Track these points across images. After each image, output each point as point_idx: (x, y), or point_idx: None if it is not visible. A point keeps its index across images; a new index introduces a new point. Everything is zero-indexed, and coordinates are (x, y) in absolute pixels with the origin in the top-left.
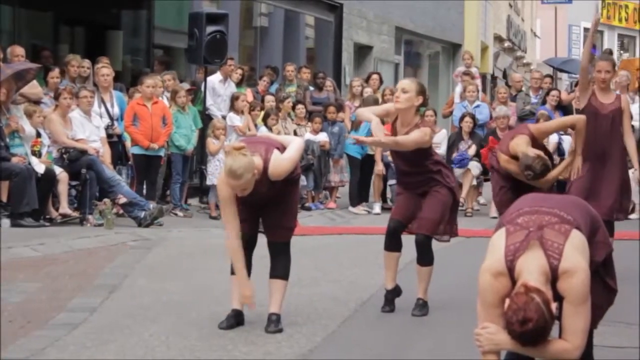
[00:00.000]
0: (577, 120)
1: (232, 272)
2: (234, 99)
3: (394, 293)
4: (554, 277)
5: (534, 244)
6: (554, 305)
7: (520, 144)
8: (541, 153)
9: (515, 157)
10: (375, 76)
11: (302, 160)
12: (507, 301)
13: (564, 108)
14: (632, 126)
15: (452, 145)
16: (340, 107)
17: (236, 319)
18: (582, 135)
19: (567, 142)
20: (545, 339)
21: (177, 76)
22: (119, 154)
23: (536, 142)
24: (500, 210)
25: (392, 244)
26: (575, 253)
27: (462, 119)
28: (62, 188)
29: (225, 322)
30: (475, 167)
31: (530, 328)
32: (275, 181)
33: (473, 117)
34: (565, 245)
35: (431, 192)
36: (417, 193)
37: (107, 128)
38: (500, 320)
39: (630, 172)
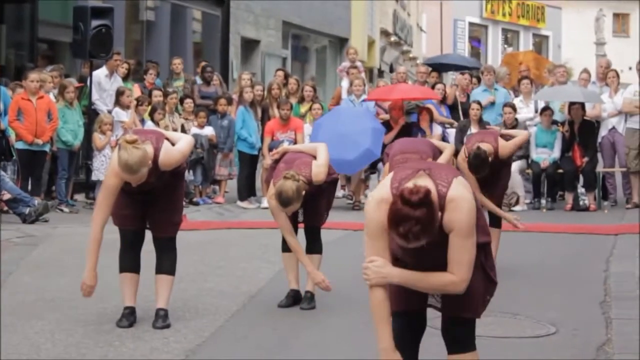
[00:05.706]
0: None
1: (121, 270)
2: (119, 94)
3: (297, 295)
4: (441, 205)
5: (422, 174)
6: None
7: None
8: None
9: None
10: (280, 72)
11: (192, 155)
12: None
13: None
14: (516, 119)
15: None
16: (230, 100)
17: (135, 316)
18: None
19: (452, 135)
20: (437, 213)
21: (62, 71)
22: (2, 150)
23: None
24: None
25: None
26: (461, 187)
27: None
28: None
29: (125, 320)
30: None
31: (421, 197)
32: (164, 172)
33: None
34: (453, 180)
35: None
36: None
37: None
38: (386, 253)
39: (516, 164)
